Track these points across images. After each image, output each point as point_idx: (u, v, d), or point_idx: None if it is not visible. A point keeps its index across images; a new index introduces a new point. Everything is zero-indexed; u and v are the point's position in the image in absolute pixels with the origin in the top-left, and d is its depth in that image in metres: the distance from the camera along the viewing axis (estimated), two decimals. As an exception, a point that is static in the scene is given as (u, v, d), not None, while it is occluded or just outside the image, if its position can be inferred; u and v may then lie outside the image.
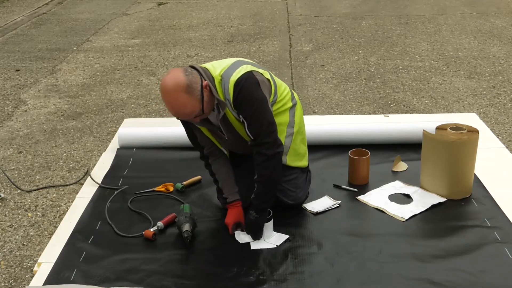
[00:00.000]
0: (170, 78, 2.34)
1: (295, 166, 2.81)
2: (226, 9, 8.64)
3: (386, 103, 4.92)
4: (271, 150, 2.52)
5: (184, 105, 2.34)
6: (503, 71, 5.64)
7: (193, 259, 2.54)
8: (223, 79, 2.45)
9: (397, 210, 2.83)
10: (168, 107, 2.38)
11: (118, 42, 7.09)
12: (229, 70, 2.47)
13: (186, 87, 2.33)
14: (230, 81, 2.43)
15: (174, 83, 2.33)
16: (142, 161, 3.45)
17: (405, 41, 6.74)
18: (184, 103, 2.34)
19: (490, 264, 2.41)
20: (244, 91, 2.43)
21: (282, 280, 2.36)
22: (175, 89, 2.32)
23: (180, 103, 2.34)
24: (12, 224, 3.28)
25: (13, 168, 3.97)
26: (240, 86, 2.42)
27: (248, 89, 2.44)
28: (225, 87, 2.45)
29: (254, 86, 2.46)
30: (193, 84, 2.35)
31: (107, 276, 2.42)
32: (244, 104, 2.45)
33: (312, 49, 6.55)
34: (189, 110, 2.37)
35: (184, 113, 2.38)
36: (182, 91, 2.32)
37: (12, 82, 5.75)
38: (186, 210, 2.71)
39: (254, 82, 2.47)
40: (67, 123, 4.70)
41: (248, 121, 2.47)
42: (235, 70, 2.47)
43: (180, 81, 2.32)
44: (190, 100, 2.34)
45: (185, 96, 2.33)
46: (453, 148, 2.83)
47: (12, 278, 2.83)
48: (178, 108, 2.36)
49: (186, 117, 2.41)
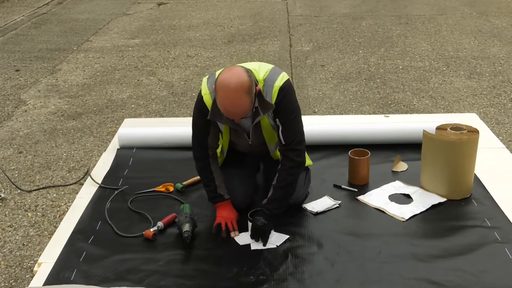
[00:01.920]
0: (236, 77, 2.35)
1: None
2: (226, 9, 8.64)
3: (386, 103, 4.92)
4: (300, 158, 2.61)
5: (242, 105, 2.37)
6: (503, 71, 5.64)
7: (193, 259, 2.54)
8: (266, 83, 2.51)
9: (397, 210, 2.83)
10: (224, 104, 2.37)
11: (118, 42, 7.09)
12: (271, 75, 2.53)
13: (248, 88, 2.36)
14: (275, 86, 2.50)
15: (239, 82, 2.34)
16: (142, 161, 3.45)
17: (405, 41, 6.73)
18: (244, 103, 2.36)
19: (490, 264, 2.41)
20: (288, 97, 2.53)
21: (282, 280, 2.36)
22: (239, 89, 2.33)
23: (240, 103, 2.35)
24: (12, 224, 3.28)
25: (13, 168, 3.97)
26: (285, 92, 2.51)
27: (290, 97, 2.55)
28: (267, 92, 2.50)
29: (294, 95, 2.60)
30: (252, 87, 2.39)
31: (107, 276, 2.42)
32: (285, 110, 2.54)
33: (312, 49, 6.55)
34: (245, 110, 2.40)
35: (239, 112, 2.40)
36: (245, 92, 2.35)
37: (12, 82, 5.75)
38: (186, 210, 2.71)
39: (294, 91, 2.60)
40: (67, 123, 4.70)
41: (285, 127, 2.55)
42: (278, 76, 2.54)
43: (244, 82, 2.35)
44: (248, 101, 2.37)
45: (246, 97, 2.35)
46: (453, 148, 2.83)
47: (12, 278, 2.83)
48: (237, 107, 2.37)
49: (236, 115, 2.42)
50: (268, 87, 2.51)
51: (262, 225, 2.58)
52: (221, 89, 2.35)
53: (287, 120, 2.56)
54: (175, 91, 5.35)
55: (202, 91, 2.60)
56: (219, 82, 2.36)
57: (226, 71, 2.39)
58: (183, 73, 5.88)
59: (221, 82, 2.36)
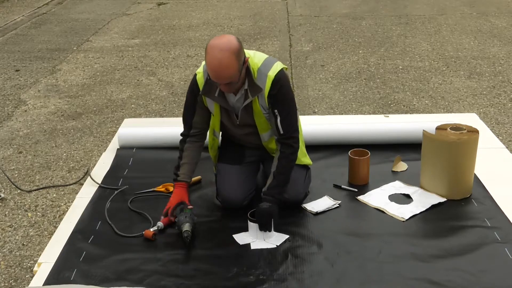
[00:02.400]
0: (224, 38, 2.46)
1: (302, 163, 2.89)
2: (226, 9, 8.63)
3: (386, 103, 4.92)
4: (297, 144, 2.71)
5: (229, 66, 2.43)
6: (503, 71, 5.64)
7: (193, 259, 2.53)
8: (260, 71, 2.59)
9: (397, 210, 2.83)
10: (212, 63, 2.43)
11: (118, 42, 7.09)
12: (266, 63, 2.62)
13: (237, 51, 2.44)
14: (268, 75, 2.59)
15: (228, 43, 2.44)
16: (142, 161, 3.44)
17: (405, 41, 6.74)
18: (231, 64, 2.43)
19: (490, 264, 2.41)
20: (284, 89, 2.61)
21: (282, 280, 2.36)
22: (227, 49, 2.42)
23: (227, 63, 2.42)
24: (12, 224, 3.28)
25: (13, 168, 3.97)
26: (280, 83, 2.60)
27: (286, 87, 2.64)
28: (261, 79, 2.58)
29: (289, 84, 2.70)
30: (241, 52, 2.48)
31: (107, 276, 2.42)
32: (282, 100, 2.62)
33: (312, 49, 6.55)
34: (231, 73, 2.45)
35: (226, 73, 2.44)
36: (232, 53, 2.42)
37: (12, 82, 5.75)
38: (186, 210, 2.71)
39: (288, 80, 2.68)
40: (67, 123, 4.70)
41: (283, 117, 2.63)
42: (272, 65, 2.62)
43: (233, 44, 2.44)
44: (235, 64, 2.44)
45: (233, 58, 2.43)
46: (453, 148, 2.83)
47: (12, 278, 2.83)
48: (223, 67, 2.42)
49: (223, 78, 2.46)
50: (262, 75, 2.58)
51: (268, 207, 2.60)
52: (210, 49, 2.44)
53: (285, 111, 2.64)
54: (175, 91, 5.35)
55: (197, 70, 2.71)
56: (209, 44, 2.46)
57: (216, 37, 2.49)
58: (183, 73, 5.88)
59: (211, 43, 2.46)
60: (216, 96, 2.64)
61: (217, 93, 2.64)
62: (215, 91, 2.63)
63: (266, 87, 2.59)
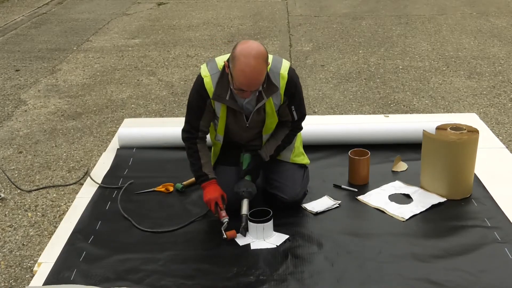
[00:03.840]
0: (256, 45, 2.48)
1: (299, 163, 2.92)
2: (226, 9, 8.63)
3: (386, 103, 4.92)
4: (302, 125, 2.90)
5: (261, 72, 2.47)
6: (503, 71, 5.64)
7: (193, 259, 2.54)
8: (271, 71, 2.63)
9: (397, 210, 2.83)
10: (246, 71, 2.43)
11: (118, 42, 7.09)
12: (275, 63, 2.67)
13: (267, 57, 2.51)
14: (281, 74, 2.64)
15: (260, 50, 2.47)
16: (142, 161, 3.45)
17: (405, 41, 6.73)
18: (263, 71, 2.48)
19: (490, 264, 2.41)
20: (299, 85, 2.73)
21: (282, 280, 2.36)
22: (260, 56, 2.46)
23: (260, 69, 2.46)
24: (12, 224, 3.28)
25: (13, 168, 3.96)
26: (295, 79, 2.70)
27: (299, 83, 2.74)
28: (275, 78, 2.63)
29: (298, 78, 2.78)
30: (267, 58, 2.52)
31: (107, 276, 2.42)
32: (297, 94, 2.73)
33: (312, 49, 6.55)
34: (262, 80, 2.50)
35: (258, 80, 2.49)
36: (264, 60, 2.48)
37: (12, 82, 5.75)
38: (245, 165, 2.78)
39: (297, 74, 2.77)
40: (67, 123, 4.69)
41: (297, 107, 2.76)
42: (281, 63, 2.68)
43: (263, 51, 2.49)
44: (265, 70, 2.50)
45: (264, 65, 2.49)
46: (453, 148, 2.83)
47: (12, 278, 2.83)
48: (257, 73, 2.46)
49: (254, 85, 2.49)
50: (274, 75, 2.63)
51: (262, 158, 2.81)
52: (242, 57, 2.43)
53: (300, 101, 2.78)
54: (175, 91, 5.35)
55: (202, 73, 2.67)
56: (239, 51, 2.45)
57: (244, 43, 2.50)
58: (183, 73, 5.88)
59: (242, 50, 2.45)
60: (227, 99, 2.63)
61: (228, 97, 2.63)
62: (226, 94, 2.63)
63: (281, 86, 2.65)
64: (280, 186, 2.82)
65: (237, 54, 2.44)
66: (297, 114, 2.78)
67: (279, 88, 2.64)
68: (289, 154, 2.91)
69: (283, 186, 2.82)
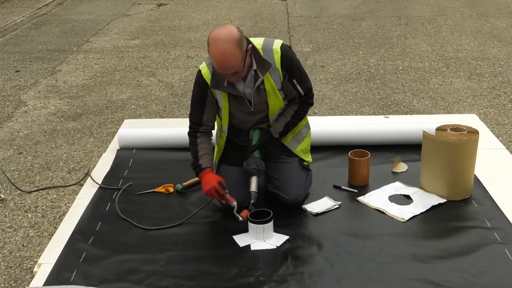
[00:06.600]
0: (225, 29, 2.52)
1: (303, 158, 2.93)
2: (226, 10, 8.64)
3: (386, 104, 4.92)
4: (313, 99, 2.91)
5: (231, 56, 2.49)
6: (503, 72, 5.64)
7: (193, 259, 2.54)
8: (264, 49, 2.68)
9: (397, 211, 2.83)
10: (215, 55, 2.50)
11: (118, 43, 7.09)
12: (267, 42, 2.73)
13: (238, 40, 2.51)
14: (274, 49, 2.69)
15: (228, 33, 2.50)
16: (142, 162, 3.45)
17: (405, 42, 6.74)
18: (233, 54, 2.49)
19: (490, 265, 2.42)
20: (294, 57, 2.74)
21: (282, 281, 2.36)
22: (228, 39, 2.48)
23: (229, 53, 2.48)
24: (12, 225, 3.28)
25: (13, 169, 3.96)
26: (290, 53, 2.72)
27: (294, 55, 2.77)
28: (268, 55, 2.67)
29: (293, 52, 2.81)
30: (243, 41, 2.55)
31: (107, 277, 2.42)
32: (296, 68, 2.75)
33: (312, 50, 6.55)
34: (234, 62, 2.51)
35: (230, 63, 2.50)
36: (234, 43, 2.48)
37: (12, 83, 5.75)
38: (254, 141, 2.80)
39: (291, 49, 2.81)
40: (67, 124, 4.70)
41: (300, 81, 2.77)
42: (273, 41, 2.74)
43: (234, 34, 2.51)
44: (238, 53, 2.51)
45: (235, 48, 2.49)
46: (453, 149, 2.83)
47: (12, 279, 2.83)
48: (226, 57, 2.48)
49: (228, 68, 2.52)
50: (268, 52, 2.68)
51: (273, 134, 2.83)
52: (212, 42, 2.51)
53: (300, 75, 2.78)
54: (175, 92, 5.35)
55: (200, 66, 2.76)
56: (210, 36, 2.53)
57: (217, 29, 2.56)
58: (183, 74, 5.88)
59: (212, 35, 2.53)
60: (226, 86, 2.68)
61: (226, 83, 2.68)
62: (223, 81, 2.67)
63: (276, 61, 2.68)
64: (281, 186, 2.82)
65: (209, 39, 2.53)
66: (302, 88, 2.78)
67: (274, 64, 2.66)
68: (296, 144, 2.94)
69: (285, 186, 2.82)
